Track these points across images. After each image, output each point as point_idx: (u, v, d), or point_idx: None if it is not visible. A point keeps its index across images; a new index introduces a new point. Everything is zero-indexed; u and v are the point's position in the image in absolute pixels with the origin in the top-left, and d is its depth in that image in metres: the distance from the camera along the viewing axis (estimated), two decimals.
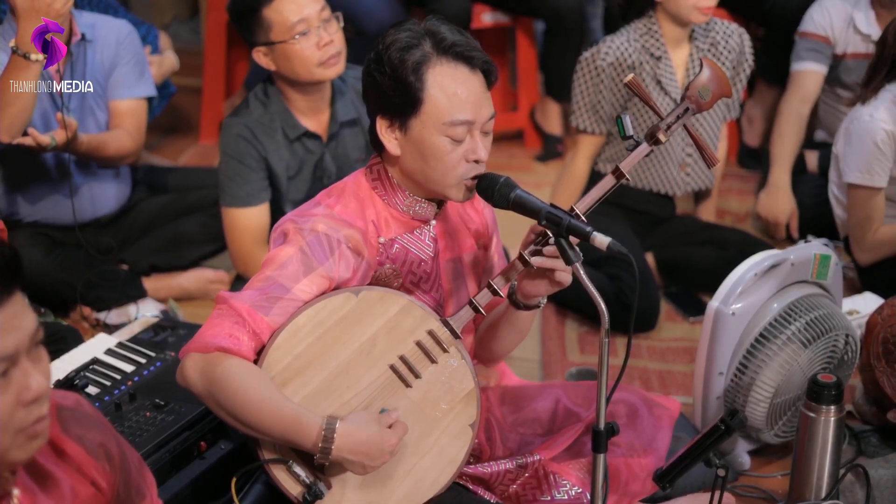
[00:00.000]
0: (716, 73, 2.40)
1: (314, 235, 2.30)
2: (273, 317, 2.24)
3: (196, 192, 3.90)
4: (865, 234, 3.56)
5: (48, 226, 3.59)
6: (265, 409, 2.16)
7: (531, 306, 2.43)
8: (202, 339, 2.21)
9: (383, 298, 2.30)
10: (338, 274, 2.30)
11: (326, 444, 2.16)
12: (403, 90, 2.26)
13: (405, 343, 2.31)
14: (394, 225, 2.41)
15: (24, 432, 1.49)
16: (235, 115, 3.42)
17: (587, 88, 3.82)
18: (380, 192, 2.41)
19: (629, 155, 2.34)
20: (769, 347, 2.85)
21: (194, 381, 2.22)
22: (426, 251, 2.45)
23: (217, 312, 2.25)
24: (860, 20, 4.20)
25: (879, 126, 3.45)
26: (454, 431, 2.34)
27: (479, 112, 2.30)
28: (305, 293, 2.27)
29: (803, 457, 2.68)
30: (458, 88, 2.27)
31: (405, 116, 2.29)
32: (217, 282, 3.80)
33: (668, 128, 2.35)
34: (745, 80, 4.01)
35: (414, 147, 2.31)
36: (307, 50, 3.25)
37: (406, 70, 2.25)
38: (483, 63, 2.32)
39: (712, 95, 2.39)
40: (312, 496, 2.23)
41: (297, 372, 2.24)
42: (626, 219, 3.94)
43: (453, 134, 2.28)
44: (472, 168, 2.32)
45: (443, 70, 2.27)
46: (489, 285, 2.34)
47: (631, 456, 2.60)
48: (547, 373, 3.49)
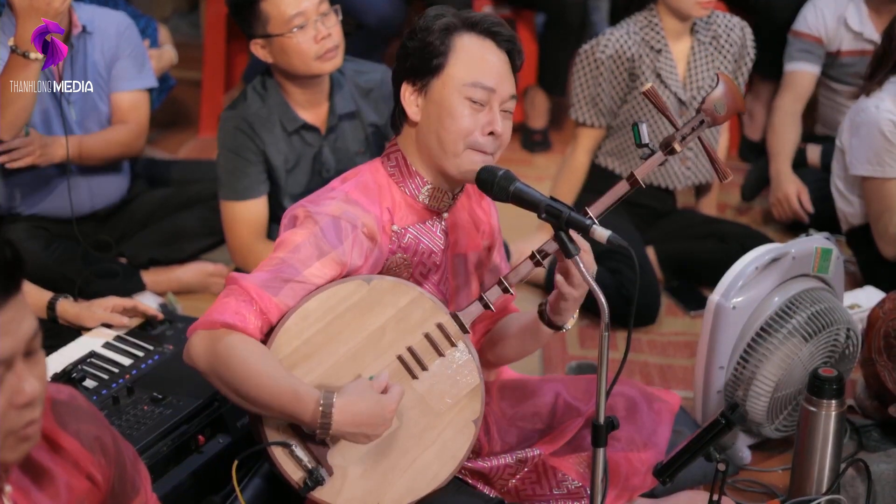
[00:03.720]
0: (730, 88, 2.45)
1: (328, 219, 2.29)
2: (282, 298, 2.23)
3: (195, 186, 3.89)
4: (888, 227, 3.53)
5: (47, 219, 3.58)
6: (264, 383, 2.15)
7: (557, 326, 2.44)
8: (209, 317, 2.21)
9: (394, 288, 2.30)
10: (350, 260, 2.30)
11: (325, 420, 2.14)
12: (429, 51, 2.34)
13: (414, 334, 2.30)
14: (408, 214, 2.41)
15: (14, 435, 1.48)
16: (233, 108, 3.41)
17: (586, 81, 3.81)
18: (397, 178, 2.42)
19: (644, 163, 2.37)
20: (770, 341, 2.85)
21: (199, 356, 2.21)
22: (437, 243, 2.45)
23: (226, 291, 2.24)
24: (852, 17, 4.22)
25: (886, 116, 3.44)
26: (458, 426, 2.33)
27: (502, 84, 2.35)
28: (317, 277, 2.26)
29: (804, 451, 2.68)
30: (482, 55, 2.35)
31: (428, 79, 2.35)
32: (216, 275, 3.80)
33: (684, 139, 2.39)
34: (748, 73, 4.01)
35: (434, 109, 2.35)
36: (304, 43, 3.24)
37: (433, 33, 2.34)
38: (508, 43, 2.38)
39: (727, 110, 2.44)
40: (313, 482, 2.22)
41: (304, 356, 2.24)
42: (626, 212, 3.93)
43: (474, 96, 2.32)
44: (487, 142, 2.34)
45: (470, 39, 2.36)
46: (500, 282, 2.36)
47: (631, 450, 2.59)
48: (547, 367, 3.48)
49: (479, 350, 2.63)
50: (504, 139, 2.38)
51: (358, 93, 3.47)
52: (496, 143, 2.36)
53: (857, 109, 3.57)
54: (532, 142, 5.14)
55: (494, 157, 2.38)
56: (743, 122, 4.98)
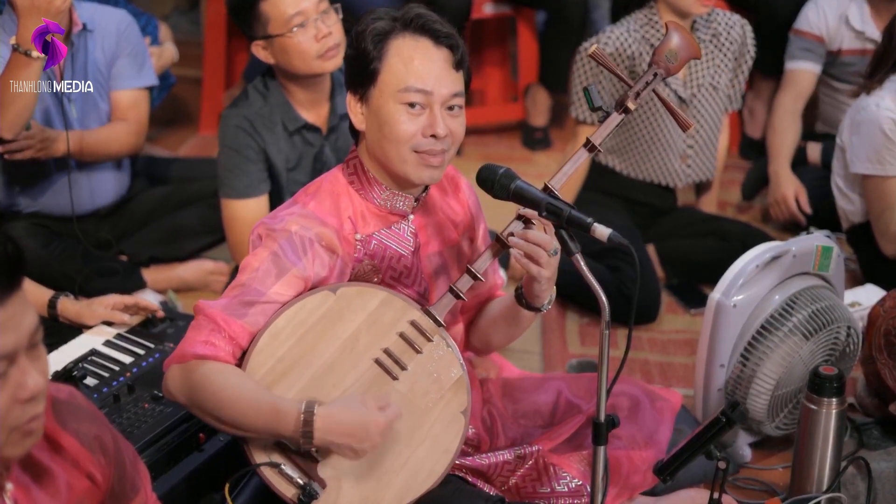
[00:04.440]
0: (683, 36, 2.40)
1: (286, 236, 2.29)
2: (249, 320, 2.23)
3: (196, 184, 3.89)
4: (889, 225, 3.53)
5: (47, 217, 3.58)
6: (243, 405, 2.16)
7: (535, 307, 2.43)
8: (180, 351, 2.22)
9: (362, 293, 2.29)
10: (313, 273, 2.29)
11: (307, 428, 2.14)
12: (364, 60, 2.30)
13: (388, 336, 2.29)
14: (371, 220, 2.40)
15: (18, 430, 1.48)
16: (234, 107, 3.41)
17: (587, 79, 3.80)
18: (356, 186, 2.40)
19: (599, 126, 2.35)
20: (771, 339, 2.84)
21: (176, 390, 2.23)
22: (406, 246, 2.44)
23: (194, 324, 2.25)
24: (854, 16, 4.23)
25: (886, 115, 3.44)
26: (446, 420, 2.32)
27: (439, 85, 2.30)
28: (281, 295, 2.26)
29: (805, 449, 2.67)
30: (415, 57, 2.29)
31: (366, 87, 2.32)
32: (216, 273, 3.80)
33: (637, 95, 2.35)
34: (748, 71, 4.00)
35: (374, 118, 2.32)
36: (305, 43, 3.23)
37: (367, 41, 2.30)
38: (447, 38, 2.32)
39: (680, 60, 2.39)
40: (308, 497, 2.21)
41: (281, 374, 2.23)
42: (627, 210, 3.93)
43: (408, 100, 2.28)
44: (431, 144, 2.31)
45: (404, 41, 2.31)
46: (468, 270, 2.34)
47: (632, 448, 2.59)
48: (547, 365, 3.48)
49: (466, 338, 2.63)
50: (454, 137, 2.34)
51: None
52: (442, 144, 2.32)
53: (857, 107, 3.57)
54: (533, 139, 5.15)
55: (447, 155, 2.34)
56: (744, 121, 4.98)
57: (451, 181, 2.57)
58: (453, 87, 2.32)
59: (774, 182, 4.25)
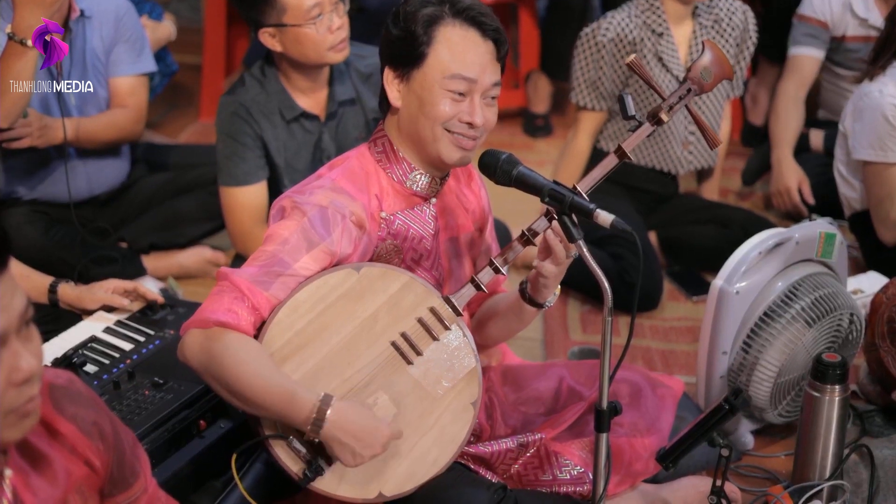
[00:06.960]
0: (717, 55, 2.42)
1: (316, 210, 2.29)
2: (273, 292, 2.22)
3: (196, 170, 3.88)
4: (889, 212, 3.52)
5: (46, 203, 3.57)
6: (259, 384, 2.15)
7: (538, 303, 2.44)
8: (201, 315, 2.21)
9: (385, 275, 2.29)
10: (340, 249, 2.29)
11: (319, 417, 2.14)
12: (412, 42, 2.32)
13: (407, 320, 2.29)
14: (396, 200, 2.41)
15: (15, 412, 1.48)
16: (230, 94, 3.40)
17: (587, 65, 3.79)
18: (384, 164, 2.41)
19: (631, 135, 2.34)
20: (773, 326, 2.84)
21: (193, 355, 2.21)
22: (427, 228, 2.44)
23: (217, 288, 2.24)
24: (858, 3, 4.22)
25: (889, 101, 3.43)
26: (456, 410, 2.32)
27: (483, 74, 2.33)
28: (307, 269, 2.25)
29: (807, 437, 2.67)
30: (465, 46, 2.32)
31: (410, 67, 2.33)
32: (216, 260, 3.79)
33: (671, 108, 2.36)
34: (749, 57, 3.99)
35: (414, 98, 2.34)
36: (320, 34, 3.23)
37: (417, 23, 2.32)
38: (494, 32, 2.36)
39: (714, 77, 2.41)
40: (313, 473, 2.21)
41: (297, 348, 2.23)
42: (628, 197, 3.92)
43: (454, 87, 2.31)
44: (465, 129, 2.34)
45: (453, 30, 2.33)
46: (491, 263, 2.34)
47: (634, 436, 2.59)
48: (549, 352, 3.47)
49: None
50: (487, 126, 2.38)
51: (358, 78, 3.46)
52: (475, 132, 2.35)
53: (860, 94, 3.56)
54: (534, 126, 5.14)
55: (478, 141, 2.38)
56: (746, 107, 4.96)
57: (465, 170, 2.59)
58: (494, 77, 2.36)
59: (777, 171, 4.24)
